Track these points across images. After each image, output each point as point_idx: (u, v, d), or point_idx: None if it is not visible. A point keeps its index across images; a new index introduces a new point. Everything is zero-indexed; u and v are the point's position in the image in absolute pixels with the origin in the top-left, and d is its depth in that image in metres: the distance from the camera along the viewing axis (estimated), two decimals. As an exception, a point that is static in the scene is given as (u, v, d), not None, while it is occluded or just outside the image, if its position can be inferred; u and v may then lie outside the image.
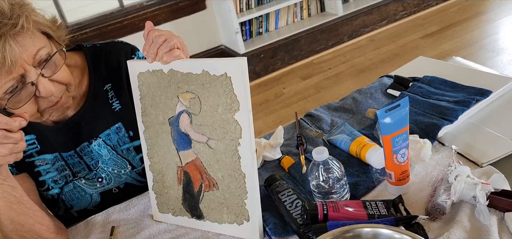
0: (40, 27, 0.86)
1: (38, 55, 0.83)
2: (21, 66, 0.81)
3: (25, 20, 0.81)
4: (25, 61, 0.81)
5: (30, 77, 0.83)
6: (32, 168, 1.01)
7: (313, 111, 1.22)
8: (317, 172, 0.86)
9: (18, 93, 0.84)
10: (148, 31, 0.85)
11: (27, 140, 0.99)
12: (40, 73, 0.84)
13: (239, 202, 0.85)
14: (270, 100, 3.15)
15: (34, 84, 0.84)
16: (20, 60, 0.80)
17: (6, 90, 0.82)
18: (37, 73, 0.84)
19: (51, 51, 0.86)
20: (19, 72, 0.82)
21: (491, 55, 2.97)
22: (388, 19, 3.82)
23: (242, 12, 3.45)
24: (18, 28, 0.79)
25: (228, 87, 0.79)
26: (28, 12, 0.82)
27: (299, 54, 3.58)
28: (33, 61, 0.83)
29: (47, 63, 0.85)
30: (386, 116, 0.80)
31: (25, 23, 0.80)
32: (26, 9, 0.82)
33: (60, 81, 0.89)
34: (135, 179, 1.11)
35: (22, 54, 0.80)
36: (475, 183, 0.78)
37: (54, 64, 0.87)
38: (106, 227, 0.99)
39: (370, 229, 0.67)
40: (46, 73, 0.86)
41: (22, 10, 0.81)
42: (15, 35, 0.79)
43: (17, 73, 0.81)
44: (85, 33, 3.18)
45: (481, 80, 1.11)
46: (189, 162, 0.89)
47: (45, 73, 0.85)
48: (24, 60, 0.81)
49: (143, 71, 0.89)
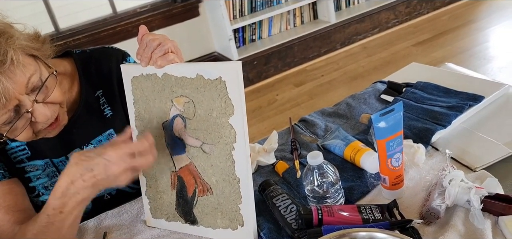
0: (28, 51, 0.84)
1: (30, 83, 0.82)
2: (15, 98, 0.80)
3: (14, 54, 0.78)
4: (18, 93, 0.80)
5: (24, 106, 0.82)
6: (23, 174, 0.99)
7: (307, 117, 1.22)
8: (311, 177, 0.86)
9: (15, 124, 0.83)
10: (142, 35, 0.84)
11: (17, 146, 0.98)
12: (34, 100, 0.83)
13: (234, 207, 0.84)
14: (263, 107, 3.15)
15: (30, 112, 0.83)
16: (14, 93, 0.79)
17: (3, 122, 0.82)
18: (31, 100, 0.83)
19: (41, 74, 0.85)
20: (14, 104, 0.80)
21: (482, 63, 3.00)
22: (380, 27, 3.85)
23: (235, 19, 3.45)
24: (7, 64, 0.77)
25: (223, 91, 0.79)
26: (15, 44, 0.80)
27: (292, 61, 3.59)
28: (26, 89, 0.82)
29: (40, 90, 0.84)
30: (380, 121, 0.80)
31: (14, 57, 0.78)
32: (12, 41, 0.80)
33: (53, 101, 0.88)
34: (127, 186, 1.10)
35: (15, 89, 0.79)
36: (469, 187, 0.78)
37: (46, 88, 0.86)
38: (98, 233, 0.97)
39: (365, 233, 0.67)
40: (39, 98, 0.84)
41: (9, 44, 0.79)
42: (5, 71, 0.77)
43: (12, 105, 0.80)
44: (77, 39, 3.16)
45: (473, 86, 1.12)
46: (183, 167, 0.88)
47: (38, 98, 0.84)
48: (17, 92, 0.80)
49: (136, 75, 0.88)
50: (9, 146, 0.97)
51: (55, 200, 0.80)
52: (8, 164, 0.96)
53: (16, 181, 0.97)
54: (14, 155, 0.98)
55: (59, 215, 0.81)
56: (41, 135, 0.91)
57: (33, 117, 0.84)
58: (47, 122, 0.88)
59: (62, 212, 0.81)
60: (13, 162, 0.97)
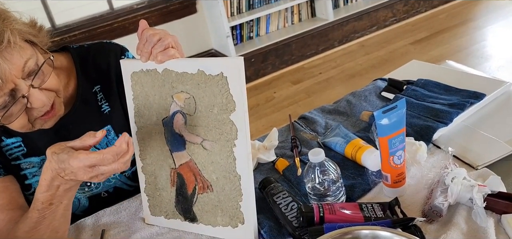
0: (24, 36, 0.83)
1: (26, 67, 0.81)
2: (12, 81, 0.79)
3: (11, 34, 0.77)
4: (15, 76, 0.79)
5: (20, 91, 0.81)
6: (18, 171, 0.98)
7: (307, 114, 1.21)
8: (313, 174, 0.85)
9: (10, 108, 0.81)
10: (142, 29, 0.83)
11: (13, 142, 0.96)
12: (30, 84, 0.82)
13: (234, 205, 0.84)
14: (261, 104, 3.14)
15: (26, 96, 0.82)
16: (10, 76, 0.78)
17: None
18: (27, 85, 0.81)
19: (37, 59, 0.84)
20: (10, 88, 0.79)
21: (480, 62, 3.00)
22: (378, 25, 3.85)
23: (233, 16, 3.44)
24: (5, 44, 0.76)
25: (224, 87, 0.78)
26: (12, 25, 0.79)
27: (289, 59, 3.58)
28: (22, 73, 0.80)
29: (36, 75, 0.83)
30: (383, 118, 0.79)
31: (11, 37, 0.77)
32: (9, 23, 0.79)
33: (49, 88, 0.87)
34: (125, 183, 1.09)
35: (12, 70, 0.78)
36: (472, 185, 0.77)
37: (42, 73, 0.85)
38: (96, 231, 0.96)
39: (369, 231, 0.66)
40: (36, 83, 0.83)
41: (6, 24, 0.78)
42: (2, 52, 0.76)
43: (8, 88, 0.79)
44: (74, 35, 3.14)
45: (474, 83, 1.11)
46: (183, 164, 0.87)
47: (35, 83, 0.83)
48: (13, 75, 0.78)
49: (136, 70, 0.87)
50: (4, 142, 0.95)
51: (42, 194, 0.80)
52: (3, 161, 0.95)
53: (11, 178, 0.96)
54: (10, 151, 0.96)
55: (49, 208, 0.81)
56: (37, 125, 0.89)
57: (29, 103, 0.83)
58: (43, 109, 0.86)
59: (51, 204, 0.81)
60: (8, 159, 0.96)
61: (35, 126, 0.89)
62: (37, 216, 0.82)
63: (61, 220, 0.85)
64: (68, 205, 0.85)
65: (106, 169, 0.75)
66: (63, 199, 0.82)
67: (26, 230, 0.83)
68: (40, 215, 0.82)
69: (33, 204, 0.82)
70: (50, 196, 0.80)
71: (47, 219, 0.82)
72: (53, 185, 0.79)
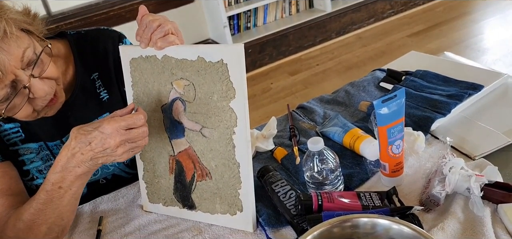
0: (20, 25, 0.82)
1: (25, 56, 0.80)
2: (11, 72, 0.78)
3: (6, 24, 0.76)
4: (14, 67, 0.78)
5: (21, 81, 0.80)
6: (16, 157, 0.97)
7: (306, 104, 1.21)
8: (311, 163, 0.85)
9: (13, 100, 0.81)
10: (142, 15, 0.82)
11: (11, 128, 0.96)
12: (30, 74, 0.81)
13: (233, 192, 0.84)
14: (258, 95, 3.14)
15: (27, 87, 0.81)
16: (10, 67, 0.77)
17: (0, 99, 0.80)
18: (27, 75, 0.81)
19: (35, 48, 0.83)
20: (10, 79, 0.79)
21: (477, 55, 3.01)
22: (375, 17, 3.85)
23: (230, 6, 3.42)
24: (1, 35, 0.75)
25: (224, 75, 0.77)
26: (6, 15, 0.78)
27: (287, 50, 3.57)
28: (22, 64, 0.80)
29: (35, 64, 0.82)
30: (382, 107, 0.80)
31: (7, 28, 0.76)
32: (3, 12, 0.78)
33: (49, 77, 0.86)
34: (123, 171, 1.09)
35: (10, 61, 0.77)
36: (469, 175, 0.78)
37: (41, 62, 0.84)
38: (94, 217, 0.96)
39: (368, 219, 0.66)
40: (36, 72, 0.83)
41: (1, 14, 0.77)
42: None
43: (8, 80, 0.78)
44: (69, 23, 3.10)
45: (472, 75, 1.12)
46: (182, 151, 0.87)
47: (35, 73, 0.82)
48: (13, 66, 0.78)
49: (136, 57, 0.87)
50: (3, 127, 0.95)
51: (54, 174, 0.80)
52: (1, 147, 0.94)
53: (9, 164, 0.95)
54: (8, 137, 0.96)
55: (58, 191, 0.81)
56: (41, 112, 0.89)
57: (31, 94, 0.82)
58: (46, 98, 0.86)
59: (61, 188, 0.81)
60: (6, 145, 0.95)
61: (39, 114, 0.89)
62: (45, 197, 0.81)
63: (67, 207, 0.84)
64: (76, 193, 0.84)
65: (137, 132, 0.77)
66: (73, 186, 0.81)
67: (32, 212, 0.83)
68: (48, 197, 0.81)
69: (43, 185, 0.82)
70: (61, 177, 0.80)
71: (53, 203, 0.82)
72: (67, 167, 0.79)
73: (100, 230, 0.91)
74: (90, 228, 0.94)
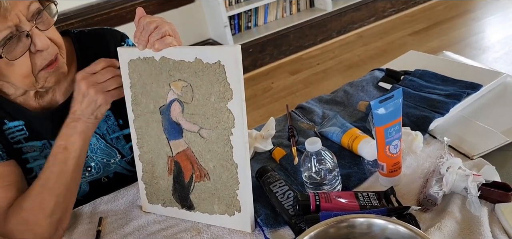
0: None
1: (31, 7, 0.83)
2: (16, 15, 0.81)
3: None
4: (20, 11, 0.81)
5: (24, 28, 0.82)
6: (20, 155, 0.98)
7: (304, 104, 1.22)
8: (309, 163, 0.85)
9: (14, 44, 0.83)
10: (139, 17, 0.83)
11: (15, 126, 0.97)
12: (34, 25, 0.84)
13: (231, 193, 0.84)
14: (258, 95, 3.14)
15: (29, 35, 0.83)
16: (15, 8, 0.80)
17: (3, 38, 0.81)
18: (31, 25, 0.84)
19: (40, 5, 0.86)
20: (14, 22, 0.81)
21: (477, 53, 3.01)
22: (376, 16, 3.84)
23: (231, 6, 3.42)
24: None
25: (221, 76, 0.78)
26: None
27: (287, 49, 3.57)
28: (27, 13, 0.83)
29: (40, 17, 0.85)
30: (379, 107, 0.80)
31: None
32: None
33: (53, 39, 0.89)
34: (125, 168, 1.09)
35: (18, 2, 0.80)
36: (466, 175, 0.78)
37: (47, 19, 0.87)
38: (94, 218, 0.97)
39: (364, 219, 0.67)
40: (40, 26, 0.85)
41: None
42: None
43: (12, 22, 0.81)
44: (71, 23, 3.11)
45: (471, 74, 1.12)
46: (180, 152, 0.88)
47: (39, 26, 0.85)
48: (18, 9, 0.81)
49: (133, 58, 0.87)
50: (7, 126, 0.96)
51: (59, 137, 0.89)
52: (6, 145, 0.95)
53: (14, 162, 0.96)
54: (12, 135, 0.96)
55: (63, 152, 0.89)
56: (41, 80, 0.90)
57: (32, 46, 0.84)
58: (47, 56, 0.87)
59: (66, 148, 0.89)
60: (10, 143, 0.96)
61: (38, 80, 0.90)
62: (52, 161, 0.89)
63: (72, 176, 0.90)
64: (80, 159, 0.91)
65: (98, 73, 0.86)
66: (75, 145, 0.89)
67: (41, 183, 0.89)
68: (54, 160, 0.88)
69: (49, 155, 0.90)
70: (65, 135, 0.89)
71: (58, 166, 0.88)
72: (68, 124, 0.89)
73: (99, 230, 0.92)
74: (89, 229, 0.94)
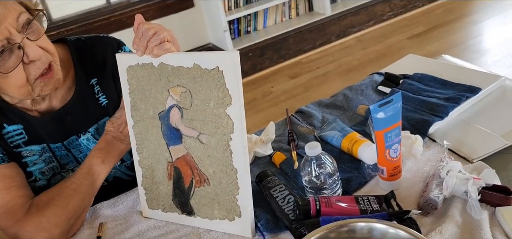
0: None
1: (20, 19, 0.83)
2: (6, 28, 0.81)
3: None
4: (9, 24, 0.81)
5: (16, 40, 0.83)
6: (19, 159, 0.98)
7: (304, 108, 1.22)
8: (309, 167, 0.85)
9: (6, 57, 0.83)
10: (138, 24, 0.83)
11: (14, 130, 0.97)
12: (25, 36, 0.84)
13: (231, 198, 0.84)
14: (258, 99, 3.14)
15: (21, 47, 0.83)
16: (5, 21, 0.80)
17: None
18: (22, 36, 0.84)
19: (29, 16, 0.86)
20: (5, 35, 0.81)
21: (476, 56, 3.01)
22: (375, 19, 3.85)
23: (230, 11, 3.43)
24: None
25: (220, 81, 0.78)
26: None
27: (287, 53, 3.58)
28: (17, 24, 0.83)
29: (30, 28, 0.85)
30: (379, 111, 0.80)
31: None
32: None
33: (45, 47, 0.89)
34: (124, 173, 1.10)
35: (7, 15, 0.80)
36: (467, 178, 0.78)
37: (37, 29, 0.87)
38: (94, 224, 0.96)
39: (364, 223, 0.67)
40: (30, 36, 0.85)
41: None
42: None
43: (3, 35, 0.81)
44: (71, 29, 3.12)
45: (470, 78, 1.12)
46: (180, 157, 0.88)
47: (30, 36, 0.85)
48: (8, 22, 0.81)
49: (132, 64, 0.87)
50: (6, 129, 0.96)
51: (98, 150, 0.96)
52: (6, 148, 0.96)
53: (15, 165, 0.96)
54: (11, 139, 0.96)
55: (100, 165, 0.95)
56: (37, 88, 0.90)
57: (25, 57, 0.84)
58: (40, 65, 0.87)
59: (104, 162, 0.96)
60: (10, 146, 0.96)
61: (34, 89, 0.90)
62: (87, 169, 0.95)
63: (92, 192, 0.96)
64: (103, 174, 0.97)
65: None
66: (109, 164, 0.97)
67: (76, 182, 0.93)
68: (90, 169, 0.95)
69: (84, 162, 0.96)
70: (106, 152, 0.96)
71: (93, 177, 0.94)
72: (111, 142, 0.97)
73: (100, 236, 0.92)
74: (90, 234, 0.94)
